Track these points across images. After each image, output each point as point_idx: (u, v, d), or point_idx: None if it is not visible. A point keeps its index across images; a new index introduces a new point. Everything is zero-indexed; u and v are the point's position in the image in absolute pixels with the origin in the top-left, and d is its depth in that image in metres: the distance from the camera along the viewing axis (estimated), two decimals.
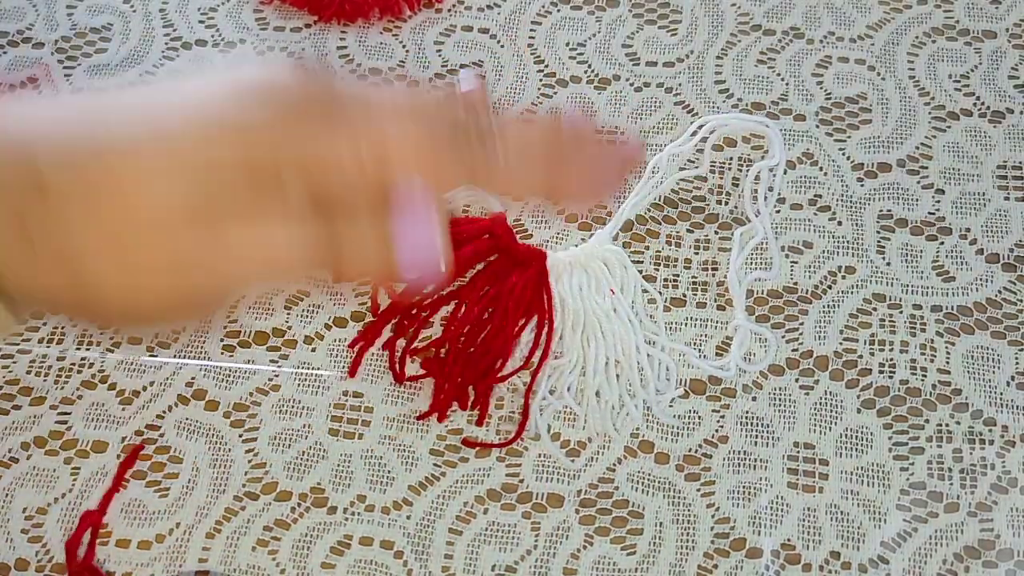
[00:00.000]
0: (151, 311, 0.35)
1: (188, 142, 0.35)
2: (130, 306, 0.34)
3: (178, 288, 0.34)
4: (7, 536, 0.42)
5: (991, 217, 0.48)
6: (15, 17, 0.58)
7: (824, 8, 0.55)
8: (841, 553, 0.41)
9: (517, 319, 0.45)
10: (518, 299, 0.45)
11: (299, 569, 0.41)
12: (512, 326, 0.44)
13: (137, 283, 0.34)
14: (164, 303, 0.35)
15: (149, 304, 0.34)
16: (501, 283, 0.45)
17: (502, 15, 0.56)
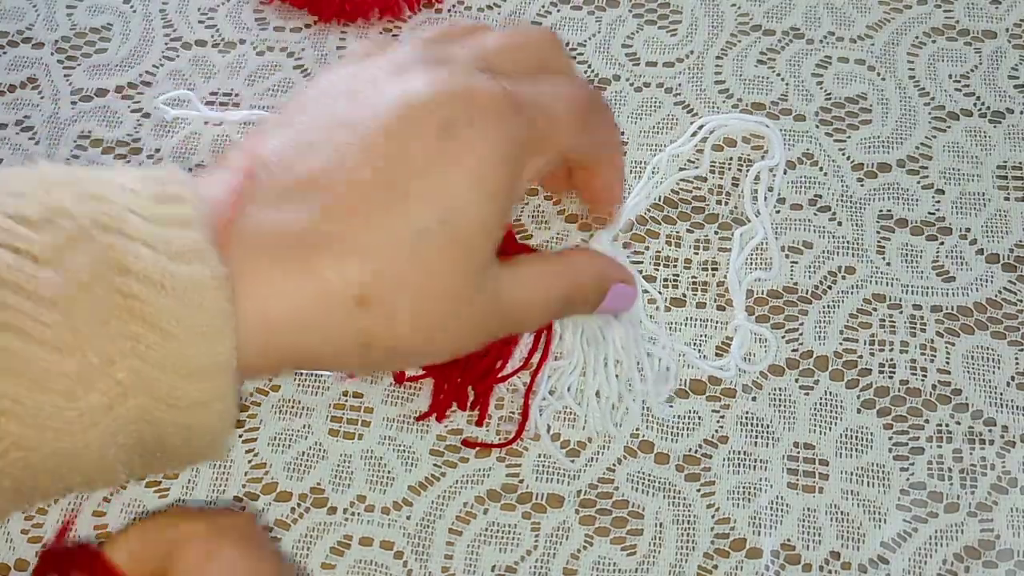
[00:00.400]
0: (427, 358, 0.37)
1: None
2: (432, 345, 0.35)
3: (456, 338, 0.35)
4: (7, 536, 0.42)
5: (991, 217, 0.48)
6: (15, 17, 0.58)
7: (824, 8, 0.55)
8: (841, 553, 0.41)
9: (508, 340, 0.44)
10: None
11: (299, 569, 0.41)
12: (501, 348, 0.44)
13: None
14: (439, 352, 0.36)
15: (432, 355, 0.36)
16: None
17: (502, 15, 0.56)
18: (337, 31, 0.56)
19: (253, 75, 0.55)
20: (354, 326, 0.32)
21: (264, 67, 0.55)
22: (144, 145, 0.52)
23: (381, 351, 0.33)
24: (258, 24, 0.57)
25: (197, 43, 0.56)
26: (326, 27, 0.56)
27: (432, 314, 0.33)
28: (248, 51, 0.55)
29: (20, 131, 0.53)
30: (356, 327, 0.32)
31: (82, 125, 0.53)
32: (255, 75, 0.55)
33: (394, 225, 0.32)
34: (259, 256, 0.30)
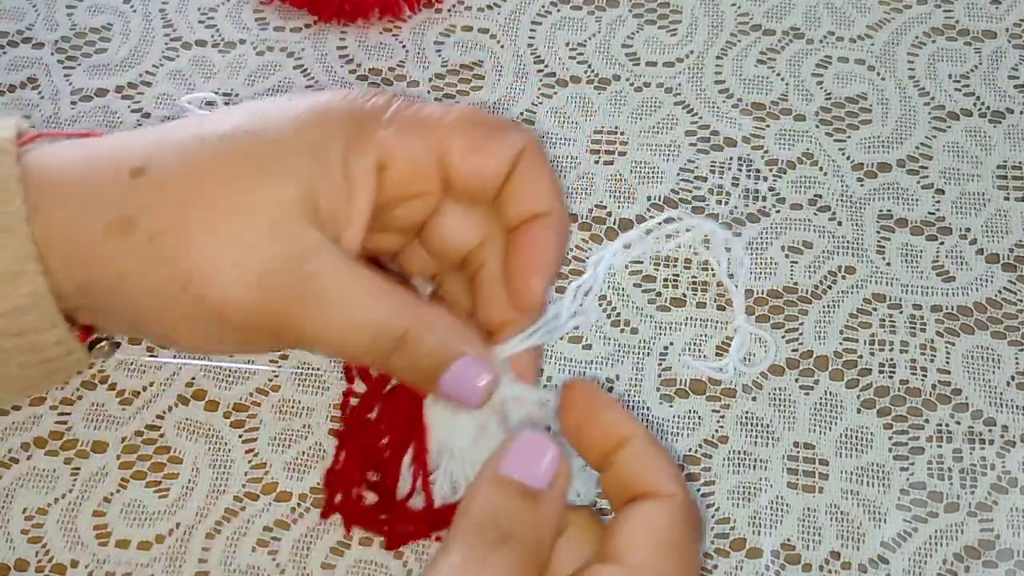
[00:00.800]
0: (216, 319, 0.35)
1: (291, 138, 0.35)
2: (229, 306, 0.34)
3: (254, 309, 0.34)
4: (7, 536, 0.42)
5: (991, 217, 0.48)
6: (15, 17, 0.58)
7: (824, 8, 0.55)
8: (841, 553, 0.41)
9: (399, 440, 0.40)
10: (396, 416, 0.40)
11: (299, 569, 0.41)
12: (395, 445, 0.40)
13: (243, 279, 0.34)
14: (231, 317, 0.34)
15: (248, 304, 0.34)
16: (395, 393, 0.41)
17: (502, 15, 0.56)
18: (337, 31, 0.56)
19: (253, 75, 0.55)
20: (124, 197, 0.34)
21: (264, 67, 0.55)
22: None
23: (145, 235, 0.33)
24: (258, 24, 0.57)
25: (197, 43, 0.56)
26: (326, 27, 0.56)
27: (213, 208, 0.33)
28: (248, 51, 0.55)
29: None
30: (126, 198, 0.34)
31: (82, 125, 0.53)
32: (255, 75, 0.55)
33: (187, 131, 0.35)
34: (53, 145, 0.36)
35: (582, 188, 0.50)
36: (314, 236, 0.34)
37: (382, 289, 0.35)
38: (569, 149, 0.51)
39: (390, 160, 0.36)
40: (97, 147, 0.36)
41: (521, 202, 0.36)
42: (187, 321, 0.35)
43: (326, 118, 0.35)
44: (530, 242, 0.36)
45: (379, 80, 0.54)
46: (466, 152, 0.36)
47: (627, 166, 0.50)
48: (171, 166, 0.34)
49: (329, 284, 0.34)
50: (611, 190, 0.50)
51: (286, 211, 0.34)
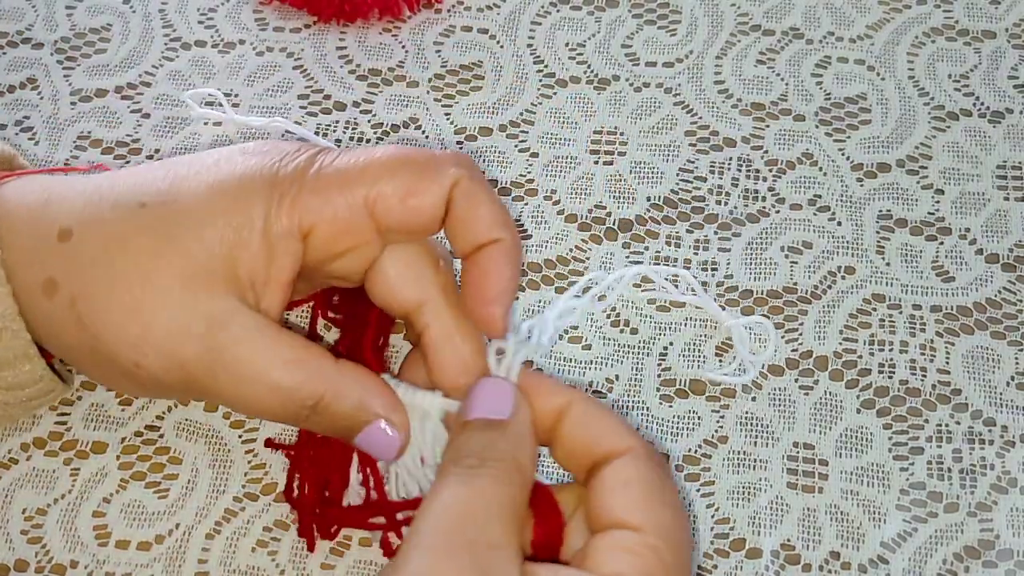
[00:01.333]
0: (140, 381, 0.36)
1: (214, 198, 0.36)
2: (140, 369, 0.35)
3: (169, 375, 0.36)
4: (7, 537, 0.42)
5: (991, 217, 0.48)
6: (14, 17, 0.58)
7: (824, 8, 0.55)
8: (841, 553, 0.41)
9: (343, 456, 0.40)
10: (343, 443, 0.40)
11: (299, 570, 0.41)
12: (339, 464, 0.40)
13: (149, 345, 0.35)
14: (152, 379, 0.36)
15: (156, 367, 0.35)
16: None
17: (502, 15, 0.56)
18: (337, 31, 0.56)
19: (253, 75, 0.55)
20: (50, 259, 0.36)
21: (264, 67, 0.55)
22: (144, 145, 0.52)
23: (65, 298, 0.35)
24: (257, 24, 0.57)
25: (197, 43, 0.56)
26: (326, 27, 0.56)
27: (125, 276, 0.35)
28: (248, 51, 0.55)
29: (20, 131, 0.53)
30: (52, 261, 0.36)
31: (82, 125, 0.53)
32: (255, 75, 0.55)
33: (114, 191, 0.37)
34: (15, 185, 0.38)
35: (582, 188, 0.50)
36: (227, 304, 0.35)
37: (296, 356, 0.35)
38: (569, 149, 0.51)
39: (314, 223, 0.36)
40: (40, 200, 0.37)
41: (466, 234, 0.36)
42: (108, 379, 0.37)
43: (244, 186, 0.36)
44: (482, 271, 0.36)
45: (379, 80, 0.54)
46: (399, 197, 0.35)
47: (627, 166, 0.50)
48: (93, 233, 0.36)
49: (240, 353, 0.35)
50: (611, 190, 0.50)
51: (197, 279, 0.35)
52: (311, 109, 0.53)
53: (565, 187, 0.50)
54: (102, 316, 0.35)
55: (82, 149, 0.52)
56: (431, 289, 0.37)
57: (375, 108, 0.53)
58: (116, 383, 0.38)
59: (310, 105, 0.53)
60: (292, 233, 0.36)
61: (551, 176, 0.50)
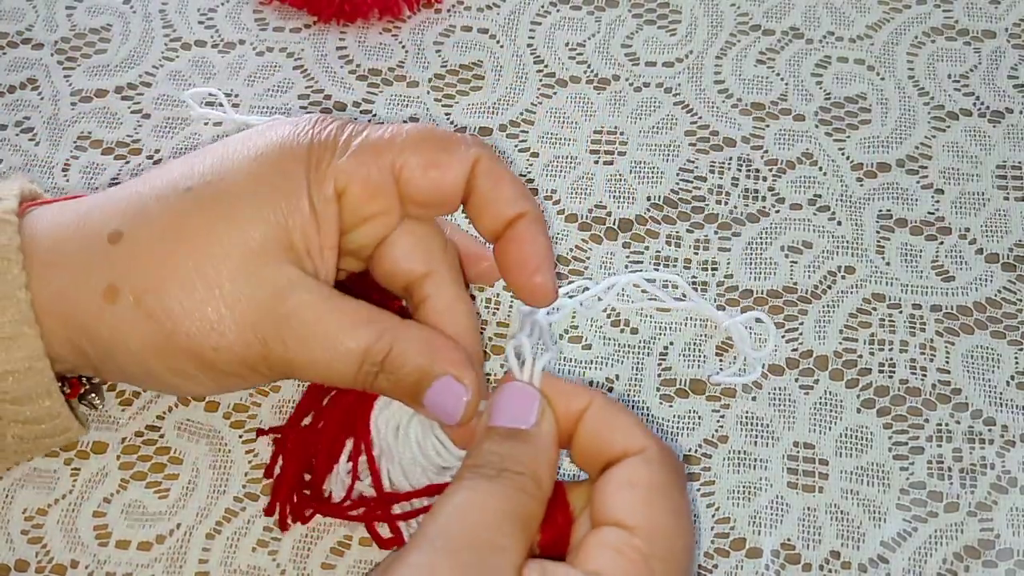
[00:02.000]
0: (212, 363, 0.36)
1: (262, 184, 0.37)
2: (219, 351, 0.36)
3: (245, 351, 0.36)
4: (7, 537, 0.42)
5: (991, 217, 0.48)
6: (15, 18, 0.58)
7: (824, 8, 0.55)
8: (841, 553, 0.41)
9: (332, 443, 0.40)
10: (336, 424, 0.40)
11: (299, 570, 0.41)
12: (328, 446, 0.40)
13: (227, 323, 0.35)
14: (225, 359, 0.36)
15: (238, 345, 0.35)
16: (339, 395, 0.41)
17: (502, 15, 0.56)
18: (337, 31, 0.56)
19: (253, 75, 0.55)
20: (106, 265, 0.35)
21: (264, 67, 0.55)
22: (144, 146, 0.52)
23: (129, 300, 0.35)
24: (258, 24, 0.57)
25: (197, 43, 0.56)
26: (326, 27, 0.56)
27: (186, 263, 0.35)
28: (248, 51, 0.56)
29: (20, 132, 0.53)
30: (107, 266, 0.35)
31: (82, 126, 0.53)
32: (255, 75, 0.55)
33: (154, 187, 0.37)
34: (43, 211, 0.38)
35: (582, 188, 0.50)
36: (289, 273, 0.36)
37: (361, 317, 0.36)
38: (569, 149, 0.51)
39: (347, 185, 0.37)
40: (79, 213, 0.38)
41: (493, 211, 0.37)
42: (181, 374, 0.37)
43: (284, 155, 0.37)
44: (518, 245, 0.37)
45: (379, 80, 0.54)
46: (423, 167, 0.37)
47: (627, 166, 0.50)
48: (143, 227, 0.36)
49: (308, 320, 0.35)
50: (611, 190, 0.50)
51: (257, 254, 0.35)
52: (311, 109, 0.53)
53: (565, 187, 0.50)
54: (173, 306, 0.35)
55: (82, 149, 0.52)
56: (438, 263, 0.38)
57: (375, 108, 0.53)
58: (183, 381, 0.37)
59: (310, 105, 0.53)
60: (331, 196, 0.37)
61: (551, 176, 0.50)
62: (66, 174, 0.52)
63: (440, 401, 0.36)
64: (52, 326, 0.36)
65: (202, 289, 0.35)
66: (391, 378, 0.36)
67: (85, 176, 0.51)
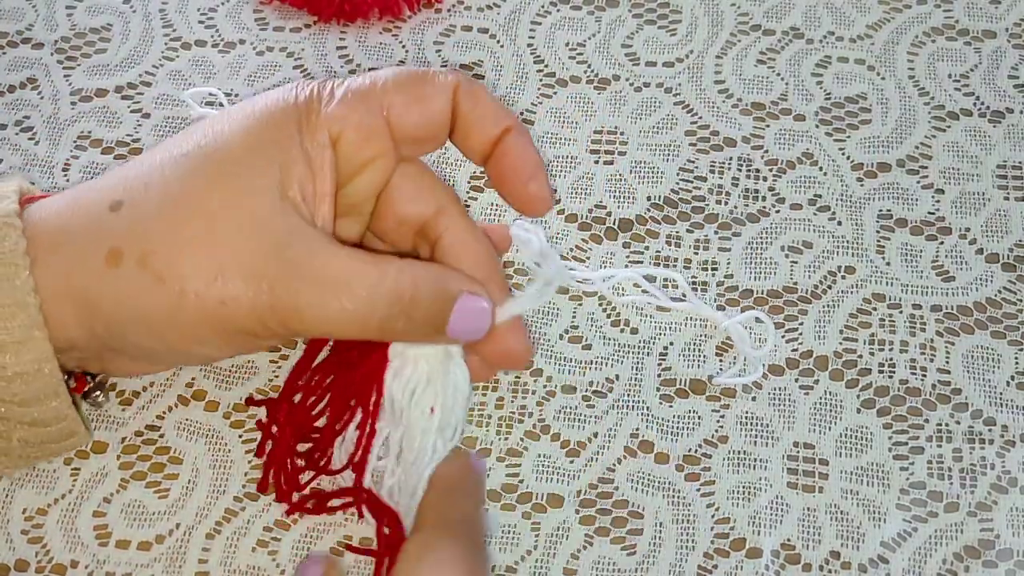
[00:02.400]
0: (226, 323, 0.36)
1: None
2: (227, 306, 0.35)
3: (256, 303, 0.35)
4: (7, 537, 0.42)
5: (991, 217, 0.48)
6: (14, 17, 0.58)
7: (824, 8, 0.55)
8: (841, 553, 0.41)
9: (342, 408, 0.40)
10: (344, 390, 0.40)
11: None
12: (334, 417, 0.40)
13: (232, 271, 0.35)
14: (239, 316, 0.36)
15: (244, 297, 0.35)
16: (345, 362, 0.41)
17: (502, 15, 0.56)
18: (337, 31, 0.56)
19: (253, 75, 0.55)
20: (108, 231, 0.36)
21: (264, 67, 0.55)
22: (144, 145, 0.52)
23: (133, 261, 0.35)
24: (258, 24, 0.57)
25: (197, 43, 0.56)
26: (326, 27, 0.56)
27: (189, 220, 0.35)
28: (248, 51, 0.55)
29: (20, 131, 0.53)
30: (110, 231, 0.36)
31: (82, 125, 0.53)
32: (255, 75, 0.55)
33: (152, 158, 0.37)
34: (42, 203, 0.38)
35: (582, 188, 0.50)
36: (291, 221, 0.36)
37: (368, 259, 0.36)
38: (569, 149, 0.51)
39: (341, 131, 0.37)
40: (76, 193, 0.38)
41: (479, 130, 0.39)
42: (192, 333, 0.36)
43: (275, 112, 0.37)
44: (510, 159, 0.39)
45: None
46: (409, 104, 0.38)
47: (627, 166, 0.50)
48: (144, 192, 0.36)
49: (317, 264, 0.35)
50: (611, 190, 0.50)
51: (257, 204, 0.36)
52: None
53: (565, 187, 0.50)
54: (178, 261, 0.35)
55: (82, 149, 0.52)
56: (444, 199, 0.40)
57: None
58: (194, 345, 0.37)
59: None
60: (325, 144, 0.37)
61: (551, 176, 0.50)
62: (66, 174, 0.52)
63: (463, 321, 0.37)
64: (61, 309, 0.36)
65: (205, 244, 0.35)
66: (411, 317, 0.36)
67: (85, 176, 0.51)
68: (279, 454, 0.41)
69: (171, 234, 0.35)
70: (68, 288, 0.36)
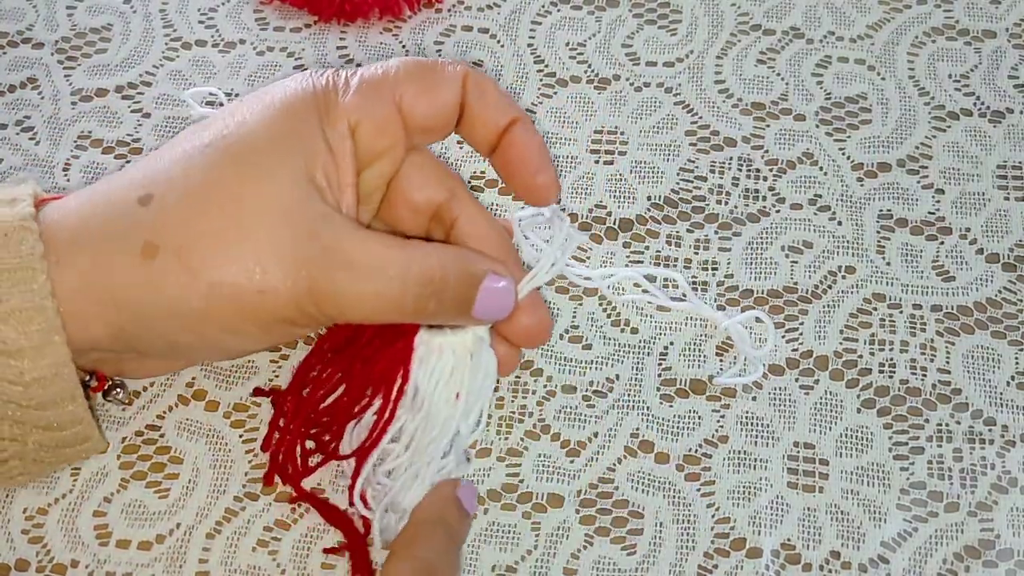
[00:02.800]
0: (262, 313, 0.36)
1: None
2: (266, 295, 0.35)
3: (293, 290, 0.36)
4: (7, 536, 0.42)
5: (991, 217, 0.48)
6: (15, 17, 0.58)
7: (824, 8, 0.55)
8: (841, 553, 0.41)
9: (358, 397, 0.41)
10: (366, 375, 0.41)
11: (299, 569, 0.41)
12: (351, 404, 0.41)
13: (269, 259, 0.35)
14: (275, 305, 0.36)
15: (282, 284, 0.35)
16: (364, 353, 0.41)
17: (502, 15, 0.56)
18: (337, 31, 0.56)
19: (253, 75, 0.55)
20: (141, 225, 0.36)
21: (264, 67, 0.55)
22: (144, 145, 0.52)
23: (170, 254, 0.35)
24: (258, 24, 0.57)
25: (197, 43, 0.56)
26: (326, 27, 0.56)
27: (221, 213, 0.35)
28: (248, 51, 0.56)
29: (20, 131, 0.53)
30: (143, 226, 0.36)
31: (82, 125, 0.53)
32: (255, 75, 0.55)
33: (173, 152, 0.37)
34: (58, 203, 0.38)
35: (582, 188, 0.50)
36: (321, 208, 0.36)
37: (398, 243, 0.37)
38: (569, 149, 0.51)
39: (359, 121, 0.38)
40: (96, 190, 0.38)
41: (487, 120, 0.39)
42: (230, 324, 0.36)
43: (294, 102, 0.38)
44: (518, 149, 0.39)
45: None
46: (420, 94, 0.39)
47: (627, 166, 0.50)
48: (170, 187, 0.36)
49: (349, 249, 0.36)
50: (611, 190, 0.50)
51: (287, 193, 0.36)
52: None
53: (565, 187, 0.50)
54: (213, 253, 0.35)
55: (83, 149, 0.52)
56: (454, 184, 0.41)
57: None
58: (231, 337, 0.37)
59: None
60: (345, 134, 0.38)
61: None
62: (66, 173, 0.52)
63: (489, 300, 0.38)
64: (85, 310, 0.36)
65: (239, 234, 0.35)
66: (442, 296, 0.37)
67: (86, 175, 0.51)
68: (288, 441, 0.41)
69: (205, 228, 0.35)
70: (94, 286, 0.36)
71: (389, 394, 0.40)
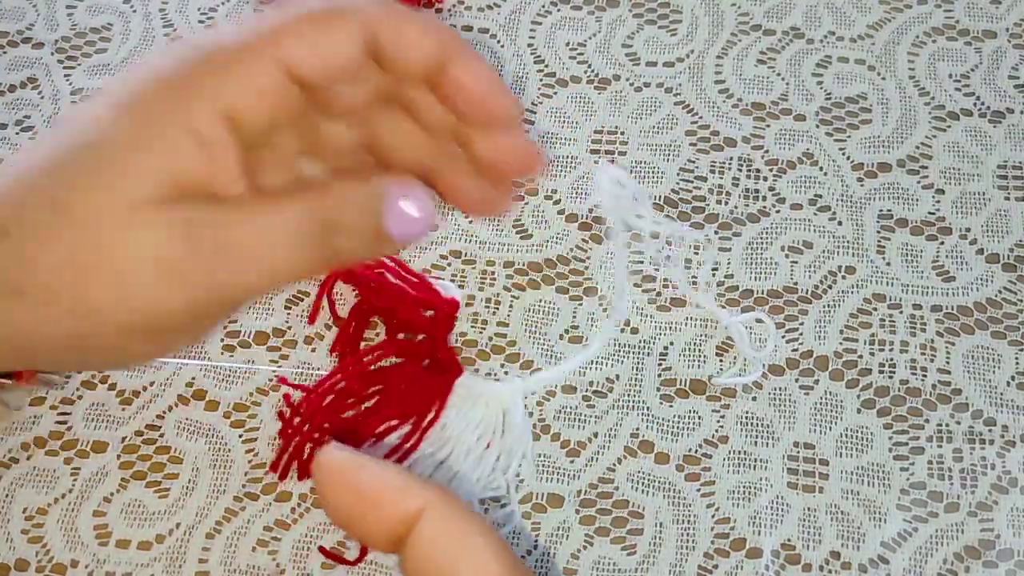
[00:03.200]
0: (151, 327, 0.34)
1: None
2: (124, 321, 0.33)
3: (174, 297, 0.33)
4: (7, 536, 0.42)
5: (991, 217, 0.48)
6: (15, 17, 0.58)
7: (824, 8, 0.55)
8: (841, 553, 0.41)
9: (386, 418, 0.42)
10: (400, 401, 0.41)
11: (299, 569, 0.41)
12: (375, 423, 0.42)
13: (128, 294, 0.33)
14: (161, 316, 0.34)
15: (148, 318, 0.33)
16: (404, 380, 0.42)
17: (502, 15, 0.56)
18: None
19: None
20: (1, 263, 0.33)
21: None
22: None
23: (36, 290, 0.32)
24: None
25: None
26: None
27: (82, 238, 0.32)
28: None
29: (20, 131, 0.53)
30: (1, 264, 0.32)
31: None
32: None
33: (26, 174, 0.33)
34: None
35: (582, 188, 0.50)
36: (190, 210, 0.33)
37: (272, 205, 0.33)
38: (569, 149, 0.51)
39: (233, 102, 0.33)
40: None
41: (408, 61, 0.34)
42: (115, 345, 0.34)
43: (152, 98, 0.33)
44: (452, 86, 0.34)
45: None
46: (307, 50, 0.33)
47: (627, 166, 0.50)
48: (26, 218, 0.33)
49: (226, 240, 0.33)
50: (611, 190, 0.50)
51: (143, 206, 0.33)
52: None
53: (565, 187, 0.50)
54: (82, 282, 0.32)
55: None
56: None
57: None
58: (124, 357, 0.35)
59: None
60: (214, 120, 0.33)
61: (551, 175, 0.50)
62: None
63: (402, 219, 0.34)
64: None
65: (103, 258, 0.32)
66: (345, 232, 0.33)
67: None
68: (304, 434, 0.42)
69: (66, 259, 0.33)
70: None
71: (420, 423, 0.41)
